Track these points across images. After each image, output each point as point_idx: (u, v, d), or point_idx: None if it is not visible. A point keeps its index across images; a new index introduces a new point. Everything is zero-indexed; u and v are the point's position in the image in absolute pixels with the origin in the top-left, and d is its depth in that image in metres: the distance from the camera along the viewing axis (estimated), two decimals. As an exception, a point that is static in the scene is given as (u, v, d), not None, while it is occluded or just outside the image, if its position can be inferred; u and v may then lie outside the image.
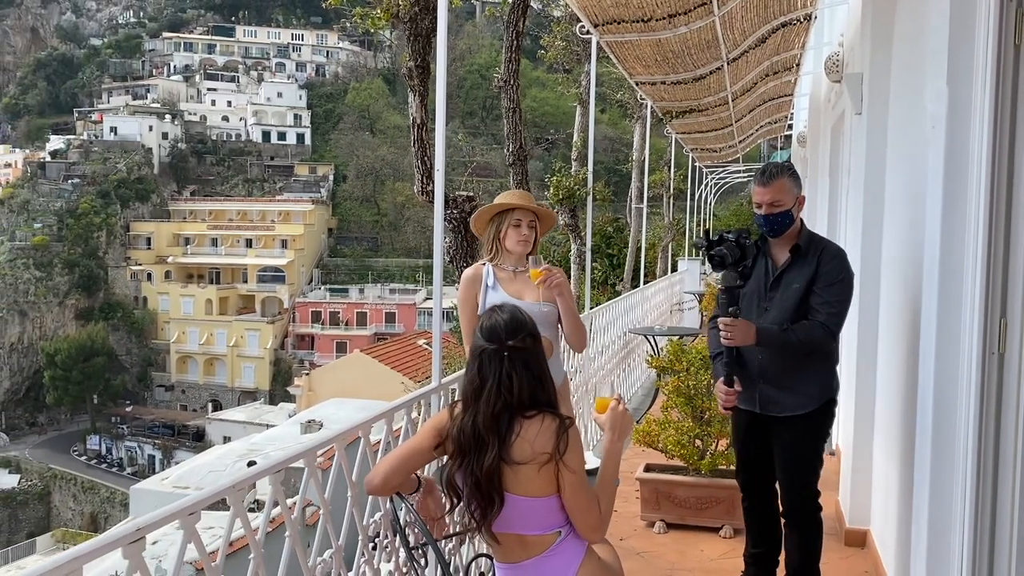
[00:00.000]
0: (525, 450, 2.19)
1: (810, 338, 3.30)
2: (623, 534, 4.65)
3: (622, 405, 2.42)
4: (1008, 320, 2.69)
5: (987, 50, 2.64)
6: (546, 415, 2.23)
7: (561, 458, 2.18)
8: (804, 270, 3.36)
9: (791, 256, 3.41)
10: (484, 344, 2.27)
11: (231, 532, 1.93)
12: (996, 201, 2.64)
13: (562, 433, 2.19)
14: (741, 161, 20.88)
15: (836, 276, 3.35)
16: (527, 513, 2.24)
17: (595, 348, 6.83)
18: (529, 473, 2.19)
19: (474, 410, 2.23)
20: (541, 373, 2.28)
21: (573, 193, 7.48)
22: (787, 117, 14.00)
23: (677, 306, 13.96)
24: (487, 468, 2.17)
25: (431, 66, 4.03)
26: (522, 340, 2.26)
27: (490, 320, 2.31)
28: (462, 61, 74.24)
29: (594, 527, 2.27)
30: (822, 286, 3.32)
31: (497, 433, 2.19)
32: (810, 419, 3.43)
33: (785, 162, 3.39)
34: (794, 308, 3.35)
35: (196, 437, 50.13)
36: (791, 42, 7.96)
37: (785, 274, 3.40)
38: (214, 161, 75.94)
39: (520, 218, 3.38)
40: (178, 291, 62.14)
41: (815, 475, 3.50)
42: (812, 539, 3.56)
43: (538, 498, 2.22)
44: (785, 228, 3.40)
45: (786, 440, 3.47)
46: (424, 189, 4.29)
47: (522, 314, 2.34)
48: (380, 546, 2.77)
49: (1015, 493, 2.72)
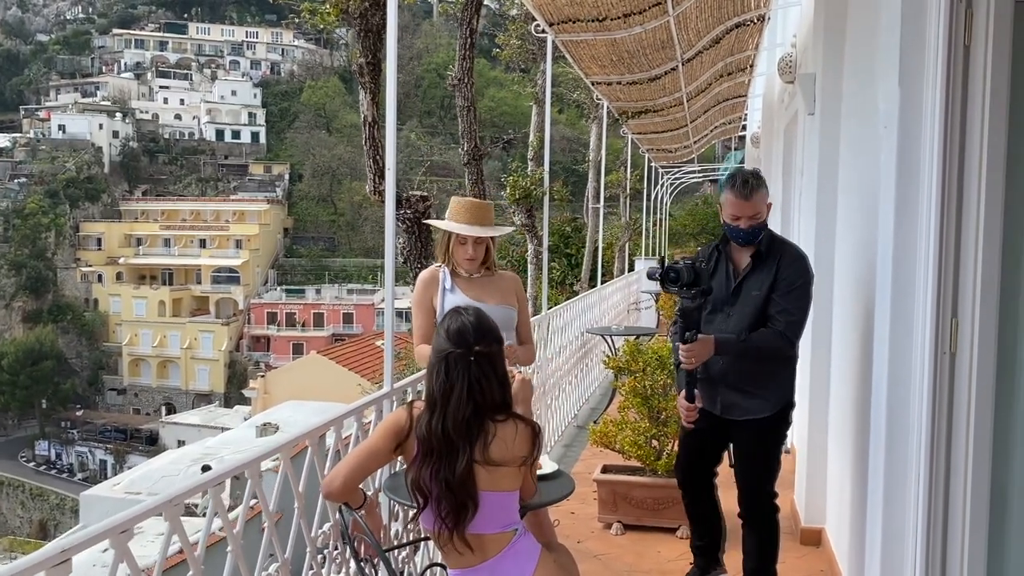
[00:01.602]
0: (502, 452, 2.21)
1: (768, 346, 3.34)
2: (580, 536, 4.61)
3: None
4: (959, 320, 2.70)
5: (938, 50, 2.65)
6: (518, 421, 2.26)
7: (533, 462, 2.30)
8: (764, 276, 3.37)
9: (752, 262, 3.40)
10: (451, 348, 2.23)
11: (168, 548, 1.84)
12: (947, 201, 2.65)
13: (536, 438, 2.28)
14: (696, 161, 21.06)
15: (795, 282, 3.35)
16: (491, 509, 2.22)
17: (552, 349, 6.80)
18: (505, 472, 2.22)
19: (442, 413, 2.19)
20: (504, 376, 2.30)
21: (530, 193, 7.44)
22: (741, 118, 14.14)
23: (634, 305, 14.01)
24: (460, 474, 2.14)
25: (382, 63, 3.95)
26: (488, 344, 2.25)
27: (457, 323, 2.27)
28: (419, 60, 73.86)
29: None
30: (781, 293, 3.33)
31: (469, 438, 2.18)
32: (769, 422, 3.46)
33: (754, 170, 3.37)
34: (755, 315, 3.36)
35: (149, 441, 49.21)
36: (745, 43, 8.02)
37: (746, 282, 3.41)
38: (167, 160, 74.53)
39: (467, 236, 3.30)
40: (130, 292, 60.85)
41: (773, 477, 3.54)
42: (770, 539, 3.59)
43: (504, 492, 2.24)
44: (759, 237, 3.39)
45: (745, 443, 3.51)
46: (377, 188, 4.21)
47: (488, 319, 2.33)
48: (330, 557, 2.69)
49: (967, 491, 2.74)
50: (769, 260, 3.37)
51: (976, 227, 2.65)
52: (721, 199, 3.43)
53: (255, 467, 2.25)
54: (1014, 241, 2.71)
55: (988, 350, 2.70)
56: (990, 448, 2.76)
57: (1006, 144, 2.65)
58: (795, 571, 4.16)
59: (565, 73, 13.28)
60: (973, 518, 2.73)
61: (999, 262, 2.68)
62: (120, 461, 49.06)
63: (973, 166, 2.65)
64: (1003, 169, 2.65)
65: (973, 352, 2.69)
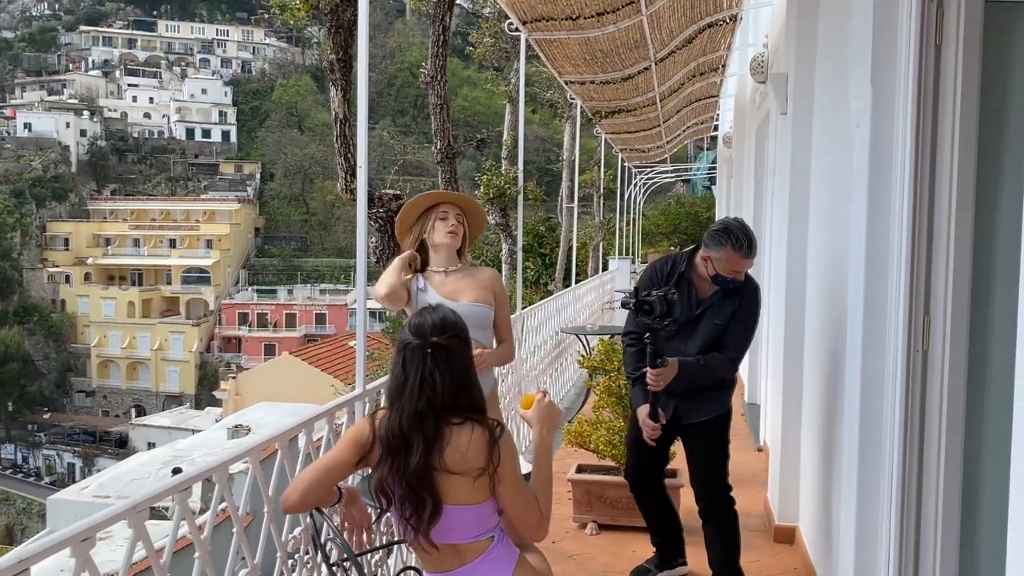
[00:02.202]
0: (457, 460, 2.12)
1: (720, 369, 3.64)
2: (555, 537, 4.59)
3: (547, 398, 2.38)
4: (931, 318, 2.72)
5: (909, 49, 2.66)
6: (475, 424, 2.16)
7: (495, 470, 2.14)
8: (728, 307, 3.60)
9: (718, 295, 3.61)
10: (409, 339, 2.20)
11: (132, 556, 1.79)
12: (919, 199, 2.66)
13: (494, 446, 2.14)
14: (669, 161, 21.16)
15: (749, 314, 3.64)
16: (461, 522, 2.17)
17: (527, 348, 6.78)
18: (464, 483, 2.14)
19: (399, 409, 2.15)
20: (464, 376, 2.21)
21: (504, 192, 7.41)
22: (713, 118, 14.22)
23: (608, 305, 14.04)
24: (414, 468, 2.09)
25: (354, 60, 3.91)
26: (447, 339, 2.18)
27: (419, 317, 2.24)
28: (392, 59, 73.55)
29: (537, 526, 2.25)
30: (738, 322, 3.61)
31: (422, 433, 2.12)
32: (722, 419, 3.75)
33: (745, 226, 3.52)
34: (713, 339, 3.63)
35: (119, 444, 48.55)
36: (717, 43, 8.05)
37: (708, 311, 3.62)
38: (136, 159, 73.53)
39: (447, 210, 3.26)
40: (98, 293, 59.98)
41: (727, 470, 3.78)
42: (730, 530, 3.73)
43: (472, 506, 2.16)
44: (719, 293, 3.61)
45: (699, 442, 3.75)
46: (348, 187, 4.15)
47: (455, 316, 2.27)
48: (300, 563, 2.64)
49: (939, 487, 2.75)
50: (734, 294, 3.59)
51: (948, 225, 2.67)
52: (717, 254, 3.52)
53: (223, 471, 2.20)
54: (985, 239, 2.73)
55: (960, 348, 2.71)
56: (962, 445, 2.77)
57: (976, 143, 2.67)
58: (769, 569, 4.18)
59: (539, 72, 13.28)
60: (945, 514, 2.75)
61: (970, 260, 2.70)
62: (89, 464, 48.36)
63: (944, 165, 2.66)
64: (974, 168, 2.67)
65: (945, 350, 2.71)
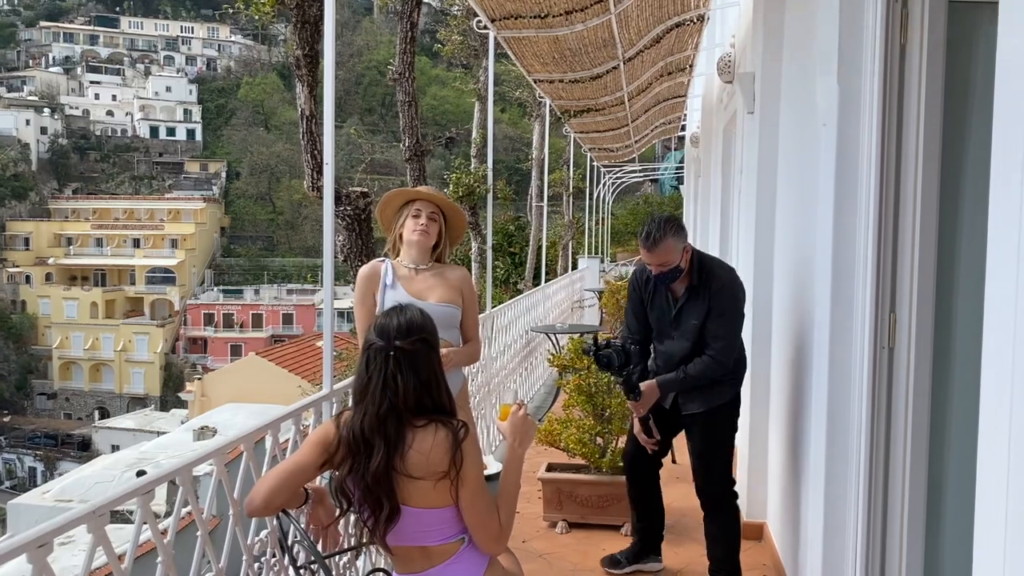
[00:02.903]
0: (420, 463, 2.09)
1: (704, 373, 3.58)
2: (525, 536, 4.58)
3: (523, 411, 2.35)
4: (897, 315, 2.74)
5: (875, 49, 2.69)
6: (439, 426, 2.12)
7: (458, 473, 2.10)
8: (699, 305, 3.59)
9: (687, 293, 3.62)
10: (373, 339, 2.16)
11: (91, 562, 1.74)
12: (885, 197, 2.69)
13: (456, 448, 2.10)
14: (637, 161, 21.26)
15: (725, 308, 3.59)
16: (428, 524, 2.14)
17: (497, 347, 6.76)
18: (426, 486, 2.11)
19: (362, 410, 2.11)
20: (430, 378, 2.17)
21: (473, 190, 7.37)
22: (681, 118, 14.31)
23: (578, 304, 14.06)
24: (374, 471, 2.06)
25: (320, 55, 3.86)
26: (412, 343, 2.14)
27: (385, 318, 2.20)
28: (359, 57, 73.10)
29: (495, 538, 2.18)
30: (713, 319, 3.57)
31: (384, 436, 2.09)
32: (723, 410, 3.71)
33: (666, 218, 3.49)
34: (696, 338, 3.61)
35: (82, 447, 47.71)
36: (684, 43, 8.10)
37: (683, 310, 3.64)
38: (98, 158, 72.36)
39: (420, 208, 3.21)
40: (60, 294, 58.88)
41: (730, 462, 3.80)
42: (731, 525, 3.78)
43: (438, 509, 2.14)
44: (677, 278, 3.59)
45: (698, 433, 3.74)
46: (315, 184, 4.09)
47: (423, 318, 2.23)
48: (267, 565, 2.60)
49: (905, 482, 2.78)
50: (702, 291, 3.58)
51: (913, 223, 2.69)
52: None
53: (187, 472, 2.16)
54: (949, 237, 2.76)
55: (925, 344, 2.74)
56: (927, 440, 2.81)
57: (940, 142, 2.70)
58: (738, 565, 4.19)
59: (507, 71, 13.26)
60: (911, 509, 2.78)
61: (935, 258, 2.73)
62: (50, 468, 47.42)
63: (909, 163, 2.69)
64: (938, 167, 2.70)
65: (911, 346, 2.74)
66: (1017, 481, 1.38)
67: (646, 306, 3.76)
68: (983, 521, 1.52)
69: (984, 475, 1.52)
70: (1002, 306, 1.46)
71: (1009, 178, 1.44)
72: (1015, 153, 1.41)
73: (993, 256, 1.51)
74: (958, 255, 3.07)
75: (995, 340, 1.49)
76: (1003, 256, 1.46)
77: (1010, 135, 1.44)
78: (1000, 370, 1.45)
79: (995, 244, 1.50)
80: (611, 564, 4.14)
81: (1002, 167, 1.47)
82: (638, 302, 3.78)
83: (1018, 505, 1.37)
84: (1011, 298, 1.42)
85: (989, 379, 1.51)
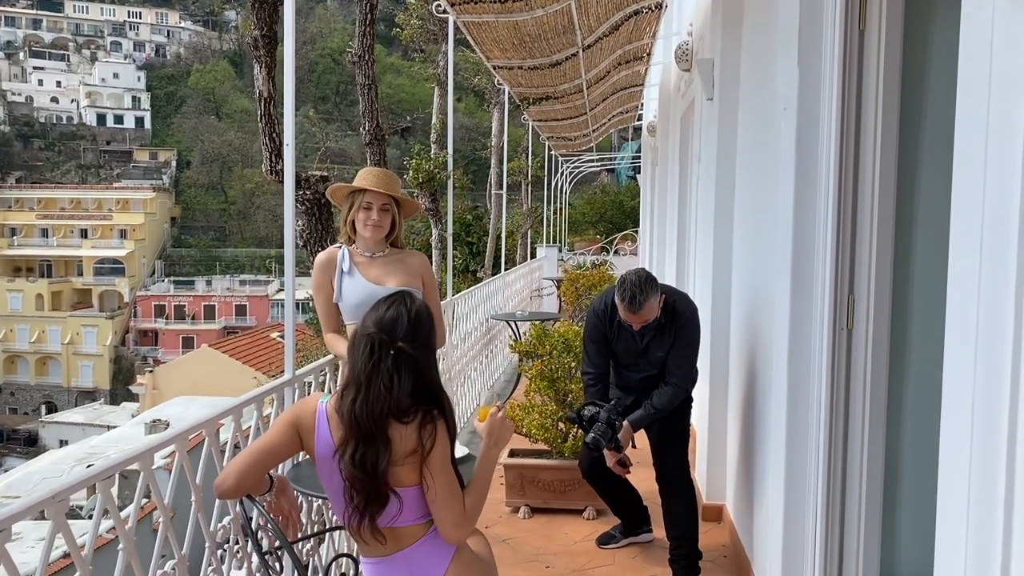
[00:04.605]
0: (396, 449, 2.08)
1: (670, 402, 3.79)
2: (488, 521, 4.58)
3: (501, 412, 2.33)
4: (856, 297, 2.79)
5: (834, 35, 2.72)
6: (418, 412, 2.11)
7: (427, 453, 2.09)
8: (665, 339, 3.75)
9: (655, 331, 3.74)
10: (376, 330, 2.10)
11: (51, 549, 1.69)
12: (844, 181, 2.72)
13: (426, 424, 2.09)
14: (595, 150, 21.34)
15: (687, 340, 3.78)
16: (397, 504, 2.12)
17: (458, 335, 6.74)
18: (401, 468, 2.10)
19: (365, 398, 2.06)
20: (431, 382, 2.15)
21: (434, 176, 7.31)
22: (637, 107, 14.38)
23: (537, 292, 14.09)
24: (380, 468, 2.04)
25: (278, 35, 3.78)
26: (415, 348, 2.11)
27: (395, 311, 2.14)
28: (313, 44, 72.10)
29: (456, 522, 2.15)
30: (676, 350, 3.76)
31: (384, 433, 2.07)
32: (680, 406, 3.90)
33: (644, 278, 3.50)
34: (662, 368, 3.82)
35: (28, 442, 46.52)
36: (642, 31, 8.13)
37: (650, 345, 3.78)
38: (43, 146, 70.38)
39: (371, 201, 3.13)
40: (4, 286, 57.24)
41: (685, 451, 3.92)
42: (687, 509, 3.87)
43: (407, 488, 2.12)
44: (653, 326, 3.71)
45: (658, 425, 3.88)
46: (273, 168, 4.02)
47: (429, 317, 2.18)
48: (230, 552, 2.56)
49: (863, 462, 2.84)
50: (668, 327, 3.73)
51: (871, 205, 2.74)
52: (616, 303, 3.68)
53: (147, 459, 2.10)
54: (906, 220, 2.81)
55: (883, 326, 2.79)
56: (884, 420, 2.86)
57: (898, 126, 2.74)
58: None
59: (465, 58, 13.19)
60: (869, 487, 2.84)
61: (892, 240, 2.77)
62: (-5, 464, 46.24)
63: (868, 147, 2.73)
64: (896, 151, 2.74)
65: (869, 328, 2.79)
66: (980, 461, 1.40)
67: (611, 341, 3.85)
68: (946, 499, 1.54)
69: (947, 452, 1.54)
70: (966, 283, 1.47)
71: (972, 155, 1.46)
72: (977, 134, 1.43)
73: (956, 236, 1.53)
74: (915, 238, 3.13)
75: (958, 322, 1.50)
76: (966, 235, 1.48)
77: (974, 115, 1.45)
78: (964, 348, 1.47)
79: (958, 221, 1.52)
80: (605, 540, 4.28)
81: (966, 142, 1.49)
82: (601, 338, 3.85)
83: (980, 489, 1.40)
84: (975, 273, 1.44)
85: (953, 357, 1.52)
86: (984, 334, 1.41)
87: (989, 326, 1.39)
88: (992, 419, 1.37)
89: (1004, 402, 1.33)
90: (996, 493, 1.34)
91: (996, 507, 1.34)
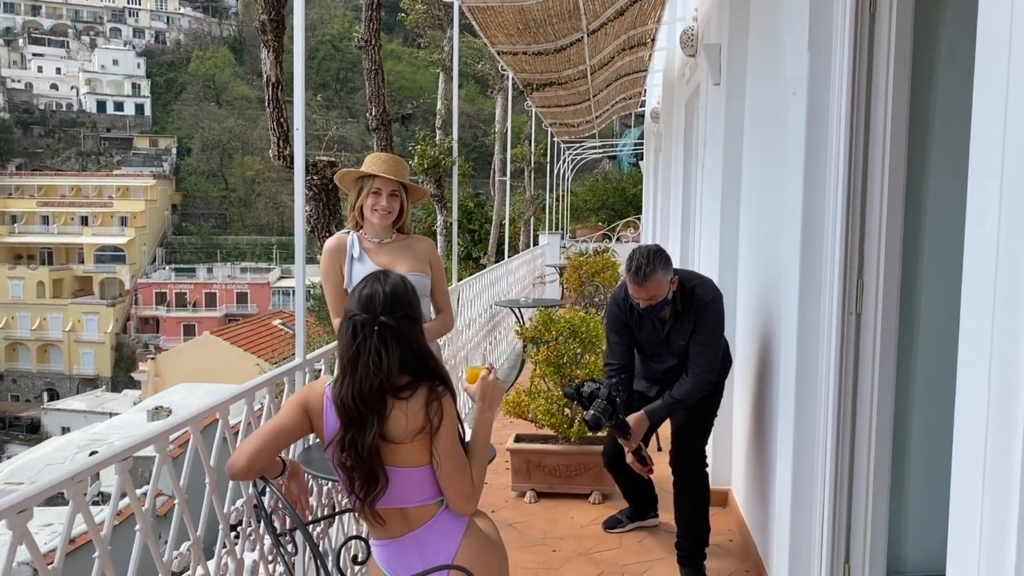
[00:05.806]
0: (400, 425, 2.08)
1: (691, 394, 3.62)
2: (494, 506, 4.60)
3: (492, 374, 2.34)
4: (864, 281, 2.79)
5: (845, 17, 2.70)
6: (419, 386, 2.11)
7: (435, 430, 2.09)
8: (686, 327, 3.62)
9: (673, 318, 3.64)
10: (356, 311, 2.10)
11: (71, 529, 1.70)
12: (854, 164, 2.72)
13: (432, 402, 2.09)
14: (597, 137, 21.30)
15: (709, 327, 3.63)
16: (407, 484, 2.13)
17: (463, 321, 6.75)
18: (406, 448, 2.09)
19: (351, 381, 2.07)
20: (420, 351, 2.14)
21: (439, 162, 7.29)
22: (641, 93, 14.35)
23: (539, 279, 14.10)
24: (368, 446, 2.04)
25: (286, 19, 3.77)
26: (397, 319, 2.10)
27: (370, 288, 2.13)
28: (314, 31, 71.77)
29: (466, 495, 2.17)
30: (698, 339, 3.61)
31: (377, 411, 2.07)
32: (710, 394, 3.76)
33: (653, 251, 3.44)
34: (685, 356, 3.66)
35: (30, 429, 46.66)
36: (647, 16, 8.10)
37: (671, 333, 3.67)
38: (43, 133, 70.23)
39: (380, 187, 3.13)
40: (5, 273, 57.23)
41: (704, 443, 3.85)
42: (696, 503, 3.82)
43: (416, 468, 2.12)
44: (664, 309, 3.59)
45: (686, 416, 3.77)
46: (281, 153, 4.01)
47: (406, 287, 2.17)
48: (244, 534, 2.57)
49: (871, 447, 2.84)
50: (687, 313, 3.61)
51: (881, 190, 2.73)
52: (624, 272, 3.61)
53: (163, 441, 2.12)
54: (916, 204, 2.82)
55: (891, 310, 2.79)
56: (892, 404, 2.86)
57: (908, 109, 2.74)
58: (704, 531, 4.26)
59: (467, 44, 13.14)
60: (876, 472, 2.84)
61: (902, 224, 2.77)
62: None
63: (878, 131, 2.72)
64: (906, 134, 2.73)
65: (877, 312, 2.78)
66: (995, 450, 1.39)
67: (633, 330, 3.75)
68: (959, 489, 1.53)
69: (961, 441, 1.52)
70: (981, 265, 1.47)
71: (988, 134, 1.45)
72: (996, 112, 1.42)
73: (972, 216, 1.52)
74: (925, 223, 3.13)
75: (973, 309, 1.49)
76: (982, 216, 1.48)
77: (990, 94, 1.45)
78: (979, 333, 1.46)
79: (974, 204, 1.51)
80: (612, 524, 4.29)
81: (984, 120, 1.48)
82: (623, 327, 3.75)
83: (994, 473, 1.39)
84: (991, 255, 1.43)
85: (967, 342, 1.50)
86: (1000, 320, 1.39)
87: (1005, 312, 1.38)
88: (1007, 409, 1.35)
89: (1021, 391, 1.32)
90: (1011, 485, 1.32)
91: (1011, 499, 1.32)
